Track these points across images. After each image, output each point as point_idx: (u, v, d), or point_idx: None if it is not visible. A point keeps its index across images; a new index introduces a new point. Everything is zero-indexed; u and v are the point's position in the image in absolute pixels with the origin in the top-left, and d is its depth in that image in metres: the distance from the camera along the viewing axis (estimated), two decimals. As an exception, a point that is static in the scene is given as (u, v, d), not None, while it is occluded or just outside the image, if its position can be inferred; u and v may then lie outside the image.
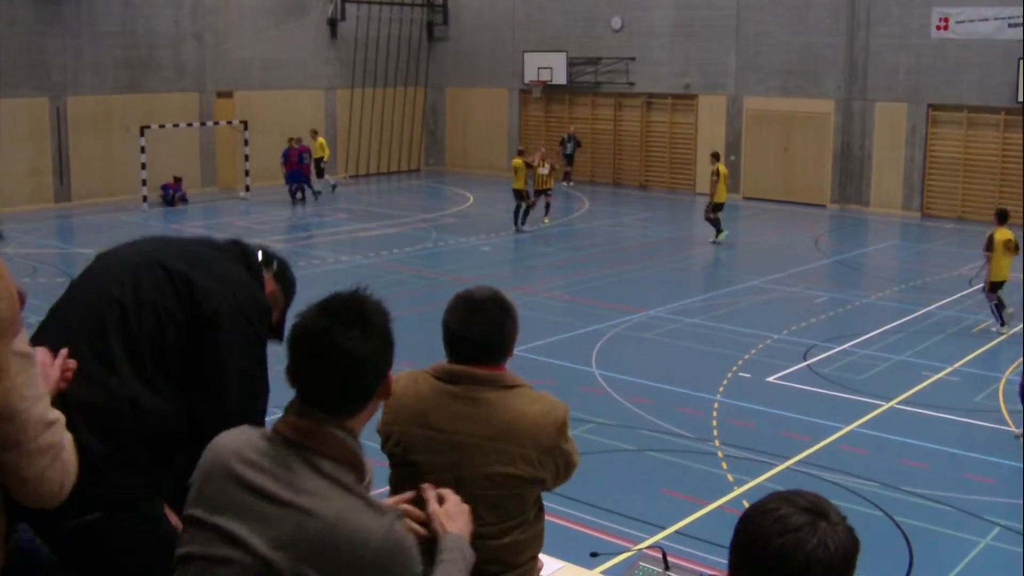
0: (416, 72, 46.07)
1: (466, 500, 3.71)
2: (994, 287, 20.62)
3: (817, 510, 2.56)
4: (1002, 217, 20.99)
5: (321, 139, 37.69)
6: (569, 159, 41.24)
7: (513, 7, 44.17)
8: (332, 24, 42.28)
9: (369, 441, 3.37)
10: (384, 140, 44.89)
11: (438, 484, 3.75)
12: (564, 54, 42.47)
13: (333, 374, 3.07)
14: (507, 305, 4.27)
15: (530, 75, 43.40)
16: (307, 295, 15.53)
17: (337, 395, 3.10)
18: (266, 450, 3.09)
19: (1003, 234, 20.56)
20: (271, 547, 2.97)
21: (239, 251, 4.59)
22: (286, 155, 36.18)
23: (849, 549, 2.54)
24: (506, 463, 4.11)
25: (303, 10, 41.26)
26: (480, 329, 4.29)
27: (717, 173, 29.30)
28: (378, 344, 3.13)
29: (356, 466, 3.10)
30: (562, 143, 40.76)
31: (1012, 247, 20.47)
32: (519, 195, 31.11)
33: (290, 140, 36.68)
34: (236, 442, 3.16)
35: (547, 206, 32.60)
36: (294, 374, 3.14)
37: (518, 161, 31.38)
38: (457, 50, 46.29)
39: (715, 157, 30.25)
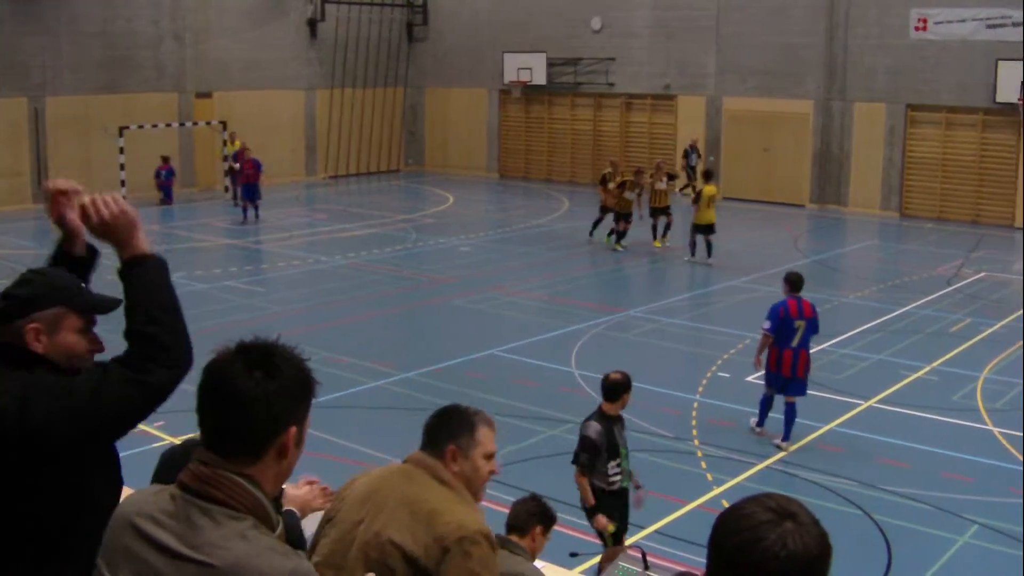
0: (396, 72, 46.04)
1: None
2: None
3: (784, 511, 2.59)
4: None
5: (240, 142, 35.99)
6: (693, 172, 37.78)
7: (493, 8, 44.17)
8: (312, 24, 42.21)
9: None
10: (364, 140, 44.84)
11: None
12: (544, 55, 42.49)
13: (225, 412, 3.02)
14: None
15: (510, 76, 43.41)
16: (290, 293, 15.58)
17: (230, 436, 3.02)
18: (167, 505, 3.04)
19: None
20: None
21: None
22: (236, 158, 33.76)
23: (812, 551, 2.55)
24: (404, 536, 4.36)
25: (283, 10, 41.20)
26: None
27: (699, 194, 26.95)
28: (279, 390, 3.01)
29: (258, 513, 3.02)
30: (686, 155, 38.58)
31: None
32: (605, 211, 29.52)
33: (225, 143, 36.24)
34: (141, 497, 3.14)
35: (667, 226, 29.34)
36: (198, 413, 3.08)
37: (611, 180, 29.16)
38: (437, 50, 46.26)
39: (706, 176, 27.97)
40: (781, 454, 14.29)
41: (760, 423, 15.21)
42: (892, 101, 36.10)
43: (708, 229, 26.91)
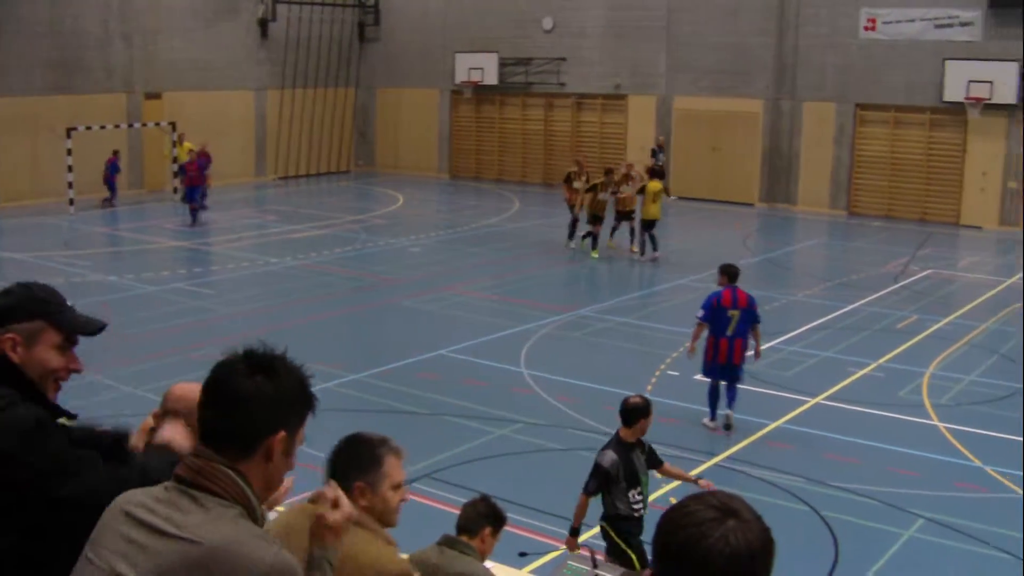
0: (347, 73, 45.92)
1: None
2: None
3: (727, 509, 2.62)
4: None
5: (188, 143, 35.93)
6: (660, 173, 38.52)
7: (445, 8, 44.12)
8: (263, 24, 42.01)
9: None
10: (314, 141, 44.69)
11: None
12: (495, 55, 42.49)
13: (223, 409, 3.20)
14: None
15: (461, 76, 43.39)
16: (239, 295, 15.49)
17: (223, 431, 3.19)
18: (160, 494, 3.20)
19: None
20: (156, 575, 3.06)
21: None
22: (183, 170, 32.93)
23: (754, 547, 2.57)
24: None
25: (233, 10, 40.96)
26: None
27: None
28: (275, 394, 3.20)
29: (245, 504, 3.17)
30: (653, 155, 37.87)
31: None
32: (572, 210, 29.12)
33: (175, 144, 35.88)
34: (135, 493, 3.27)
35: (632, 231, 28.44)
36: (199, 409, 3.28)
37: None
38: (388, 51, 46.16)
39: (651, 173, 28.18)
40: (730, 451, 14.34)
41: (712, 417, 15.42)
42: (841, 100, 36.37)
43: (651, 225, 27.09)
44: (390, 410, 15.58)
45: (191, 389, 4.88)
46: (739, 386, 15.50)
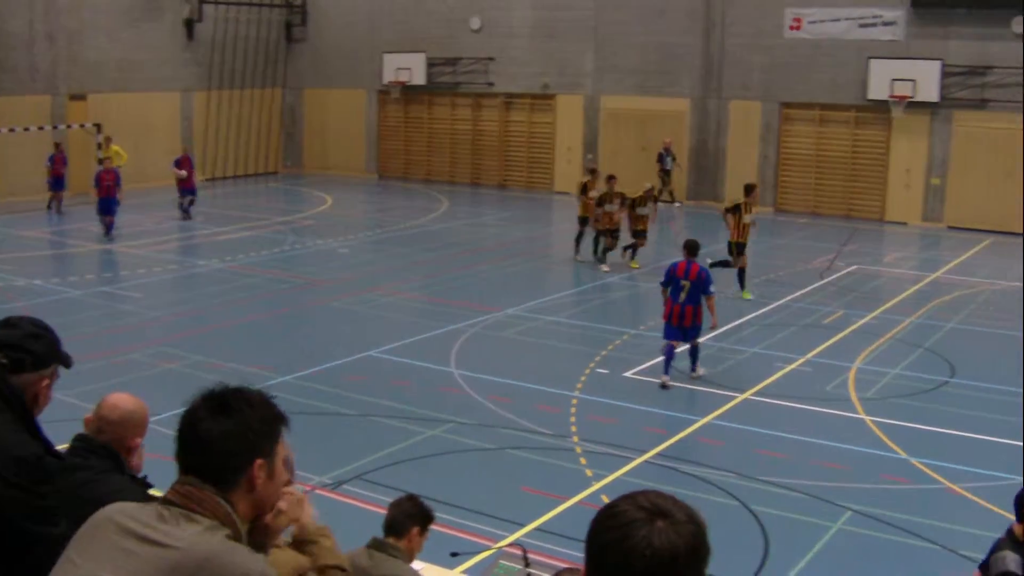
0: (274, 73, 45.62)
1: None
2: None
3: (656, 509, 2.60)
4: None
5: (116, 146, 35.23)
6: (667, 176, 37.60)
7: (372, 8, 43.96)
8: (189, 25, 41.58)
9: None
10: (241, 142, 44.33)
11: None
12: (423, 55, 42.40)
13: (194, 453, 3.35)
14: None
15: (389, 76, 43.25)
16: (166, 298, 15.32)
17: (204, 467, 3.33)
18: (151, 511, 3.31)
19: None
20: None
21: None
22: (97, 179, 30.88)
23: (679, 548, 2.55)
24: None
25: (159, 10, 40.50)
26: None
27: (738, 207, 24.15)
28: (239, 429, 3.34)
29: (231, 525, 3.30)
30: (660, 159, 37.56)
31: None
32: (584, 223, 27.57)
33: (100, 145, 35.19)
34: (126, 504, 3.39)
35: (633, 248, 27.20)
36: (175, 454, 3.42)
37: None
38: (315, 51, 45.92)
39: (746, 190, 24.71)
40: (660, 447, 14.39)
41: (665, 371, 17.12)
42: (767, 99, 36.68)
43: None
44: (319, 412, 15.48)
45: (123, 399, 4.90)
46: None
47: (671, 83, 38.07)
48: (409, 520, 6.93)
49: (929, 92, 33.61)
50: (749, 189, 24.57)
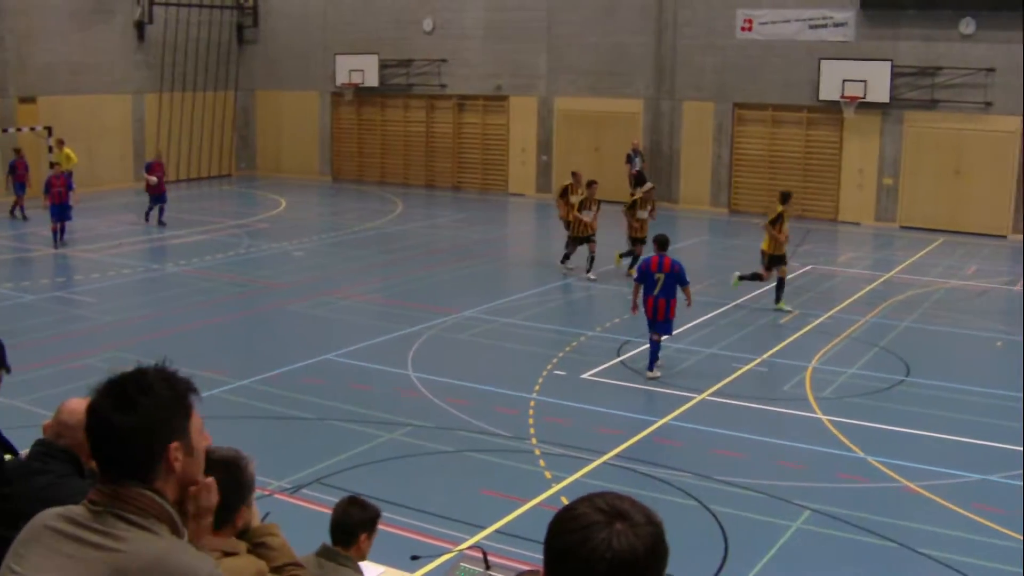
0: (226, 75, 45.35)
1: None
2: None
3: (615, 511, 2.60)
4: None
5: (68, 149, 34.63)
6: (640, 179, 35.49)
7: (324, 9, 43.83)
8: (139, 27, 41.26)
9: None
10: (194, 145, 44.04)
11: None
12: (376, 56, 42.31)
13: (107, 447, 3.24)
14: None
15: (342, 78, 43.13)
16: (120, 302, 15.16)
17: (116, 464, 3.24)
18: (82, 512, 3.22)
19: None
20: None
21: None
22: (48, 185, 29.89)
23: (639, 550, 2.55)
24: None
25: (109, 12, 40.16)
26: None
27: (780, 217, 23.02)
28: (147, 416, 3.23)
29: (167, 520, 3.22)
30: (629, 160, 36.75)
31: None
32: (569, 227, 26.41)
33: (51, 148, 34.77)
34: (55, 511, 3.30)
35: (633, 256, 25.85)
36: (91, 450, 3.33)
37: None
38: (268, 53, 45.72)
39: (783, 198, 23.51)
40: (618, 449, 14.40)
41: (650, 367, 17.67)
42: (720, 100, 36.86)
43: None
44: (276, 416, 15.40)
45: (82, 404, 4.87)
46: (625, 384, 15.58)
47: (624, 84, 38.19)
48: (358, 529, 6.87)
49: (880, 93, 33.88)
50: (786, 197, 23.41)
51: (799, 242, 30.75)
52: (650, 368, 17.73)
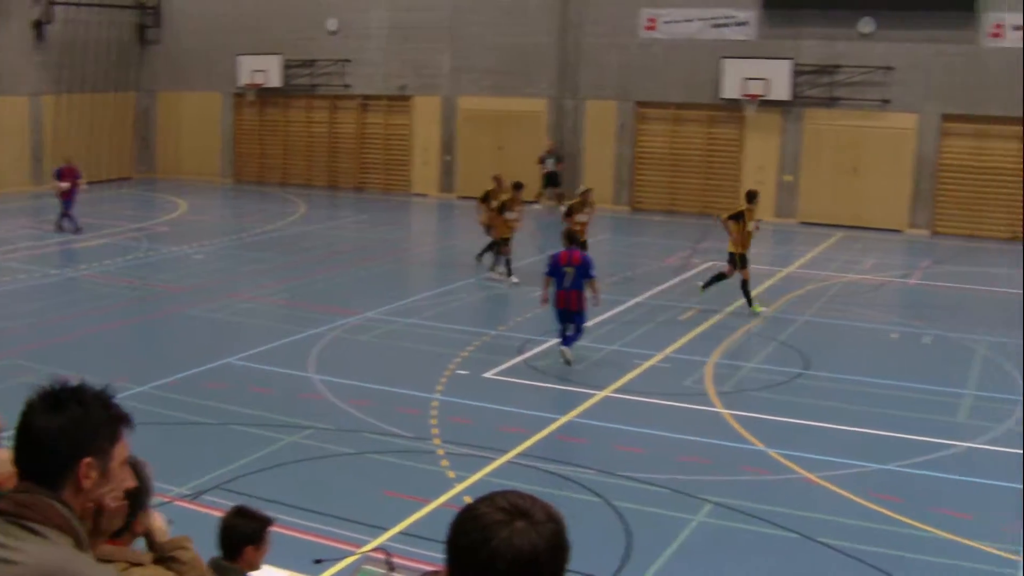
0: (127, 77, 44.75)
1: None
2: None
3: (516, 510, 2.62)
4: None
5: None
6: (552, 179, 37.45)
7: (227, 10, 43.40)
8: (38, 27, 40.49)
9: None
10: (93, 147, 43.27)
11: None
12: (279, 56, 42.00)
13: (25, 447, 3.28)
14: None
15: (244, 78, 42.75)
16: (17, 309, 14.92)
17: (31, 467, 3.26)
18: None
19: None
20: None
21: None
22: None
23: (539, 548, 2.57)
24: None
25: (5, 12, 39.39)
26: None
27: (741, 214, 23.08)
28: (67, 426, 3.25)
29: (70, 531, 3.18)
30: (541, 161, 37.39)
31: None
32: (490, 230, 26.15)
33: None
34: None
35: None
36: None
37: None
38: (169, 54, 45.16)
39: (749, 197, 23.57)
40: (522, 447, 14.42)
41: (566, 344, 18.43)
42: (623, 98, 37.11)
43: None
44: (177, 422, 15.21)
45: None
46: (527, 382, 15.63)
47: (528, 83, 38.30)
48: (242, 542, 6.78)
49: (781, 91, 34.34)
50: (752, 196, 23.34)
51: (699, 239, 31.07)
52: (567, 345, 18.38)
